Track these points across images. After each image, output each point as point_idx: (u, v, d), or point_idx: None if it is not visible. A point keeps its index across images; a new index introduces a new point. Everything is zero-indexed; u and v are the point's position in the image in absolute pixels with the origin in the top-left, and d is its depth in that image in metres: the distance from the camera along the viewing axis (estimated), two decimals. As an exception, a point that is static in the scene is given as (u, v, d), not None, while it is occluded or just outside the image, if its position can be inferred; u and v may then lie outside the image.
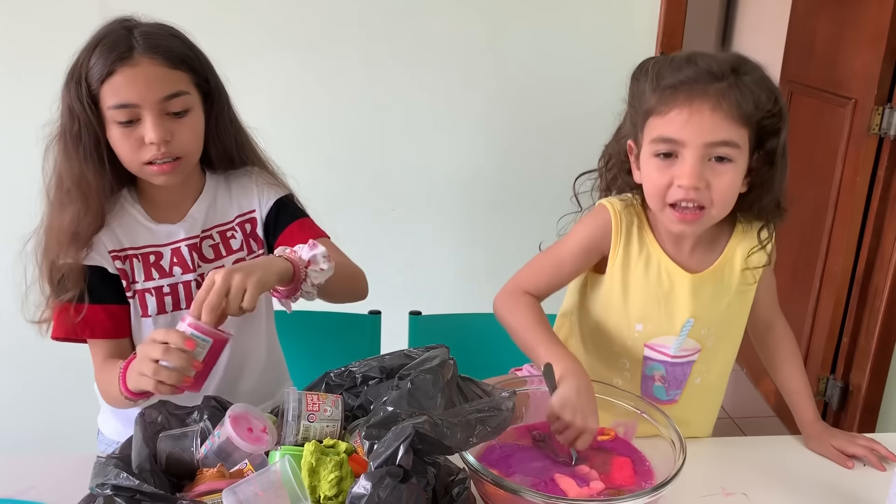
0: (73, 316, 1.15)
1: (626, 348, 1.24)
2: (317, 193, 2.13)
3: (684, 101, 1.06)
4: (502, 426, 0.93)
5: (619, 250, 1.20)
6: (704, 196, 1.07)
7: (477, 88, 2.09)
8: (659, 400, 1.26)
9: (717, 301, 1.21)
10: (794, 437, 1.28)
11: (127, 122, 1.11)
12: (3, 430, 2.30)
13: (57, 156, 1.16)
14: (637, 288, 1.20)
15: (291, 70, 2.03)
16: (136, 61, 1.10)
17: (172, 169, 1.15)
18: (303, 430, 0.98)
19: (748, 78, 1.07)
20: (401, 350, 1.11)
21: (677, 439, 1.01)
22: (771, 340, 1.33)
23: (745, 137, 1.07)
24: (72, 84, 1.12)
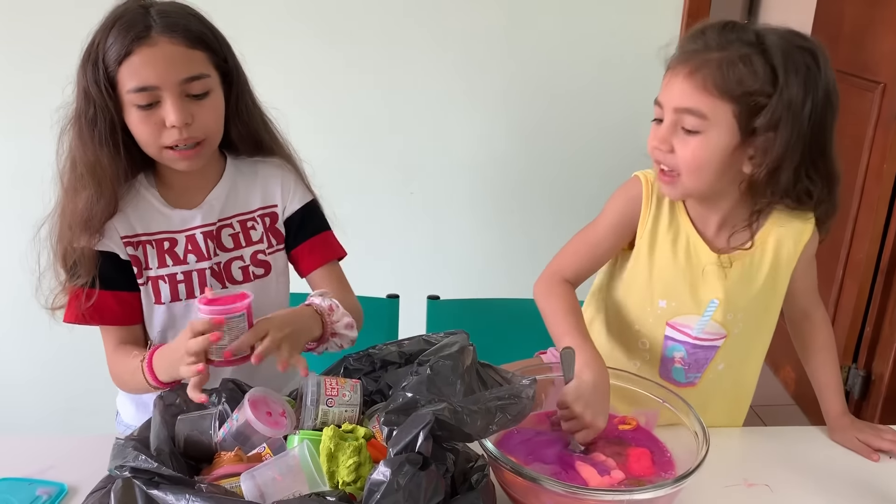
0: (83, 301, 1.14)
1: (648, 326, 1.23)
2: (336, 174, 2.13)
3: (672, 67, 1.08)
4: (522, 414, 0.92)
5: (649, 221, 1.19)
6: (671, 161, 1.09)
7: (496, 72, 2.06)
8: (677, 382, 1.25)
9: (746, 285, 1.18)
10: (819, 429, 1.27)
11: (146, 105, 1.09)
12: (23, 409, 2.32)
13: (71, 140, 1.14)
14: (663, 262, 1.19)
15: (311, 52, 2.01)
16: (154, 41, 1.07)
17: (195, 154, 1.13)
18: (321, 414, 0.97)
19: (757, 57, 1.02)
20: (419, 335, 1.10)
21: (700, 430, 0.99)
22: (806, 329, 1.30)
23: (720, 110, 1.04)
24: (88, 66, 1.09)
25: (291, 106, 1.97)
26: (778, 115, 1.02)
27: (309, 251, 1.28)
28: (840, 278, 2.59)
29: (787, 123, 1.03)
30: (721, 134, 1.05)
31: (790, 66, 1.02)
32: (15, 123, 2.01)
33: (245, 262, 1.25)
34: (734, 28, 1.06)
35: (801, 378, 2.91)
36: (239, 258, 1.24)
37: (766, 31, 1.05)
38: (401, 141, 2.12)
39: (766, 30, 1.06)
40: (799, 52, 1.03)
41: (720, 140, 1.06)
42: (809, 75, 1.03)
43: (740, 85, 1.02)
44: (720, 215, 1.17)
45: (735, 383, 1.29)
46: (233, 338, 1.00)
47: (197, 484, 0.86)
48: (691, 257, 1.18)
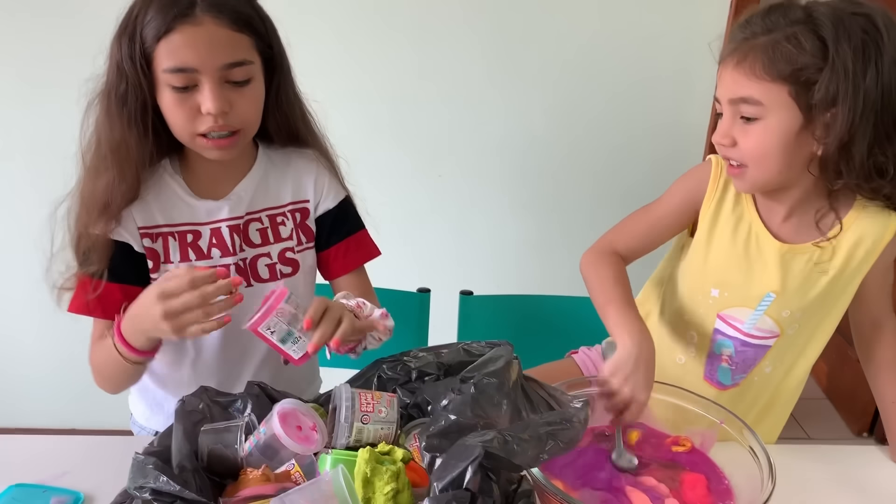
0: (91, 292, 1.07)
1: (698, 316, 1.17)
2: (362, 155, 2.05)
3: (722, 60, 1.04)
4: (575, 440, 0.85)
5: (713, 203, 1.15)
6: (736, 154, 1.05)
7: (535, 52, 1.95)
8: (721, 385, 1.19)
9: (808, 282, 1.11)
10: (879, 448, 1.19)
11: (183, 87, 1.00)
12: (37, 400, 2.29)
13: (98, 116, 1.06)
14: (720, 247, 1.14)
15: (340, 29, 1.91)
16: (198, 20, 0.99)
17: (229, 144, 1.05)
18: (356, 432, 0.90)
19: (807, 32, 0.96)
20: (458, 344, 1.03)
21: (765, 460, 0.91)
22: (875, 342, 1.21)
23: (774, 93, 0.99)
24: (123, 39, 1.00)
25: (320, 85, 1.92)
26: (835, 87, 0.96)
27: (344, 252, 1.22)
28: None
29: (847, 94, 0.96)
30: (781, 117, 1.00)
31: (841, 34, 0.95)
32: (36, 92, 1.93)
33: (272, 260, 1.17)
34: (780, 9, 1.00)
35: (833, 372, 2.82)
36: (266, 255, 1.17)
37: (816, 5, 0.99)
38: (430, 120, 2.03)
39: (817, 3, 0.99)
40: (851, 17, 0.96)
41: (781, 123, 1.00)
42: (868, 39, 0.96)
43: (789, 63, 0.97)
44: (789, 204, 1.10)
45: (778, 390, 1.23)
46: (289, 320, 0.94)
47: (223, 508, 0.79)
48: (750, 245, 1.12)
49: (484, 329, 1.53)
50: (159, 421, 1.23)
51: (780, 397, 1.24)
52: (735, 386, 1.19)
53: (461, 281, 1.66)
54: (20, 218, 2.00)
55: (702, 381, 1.19)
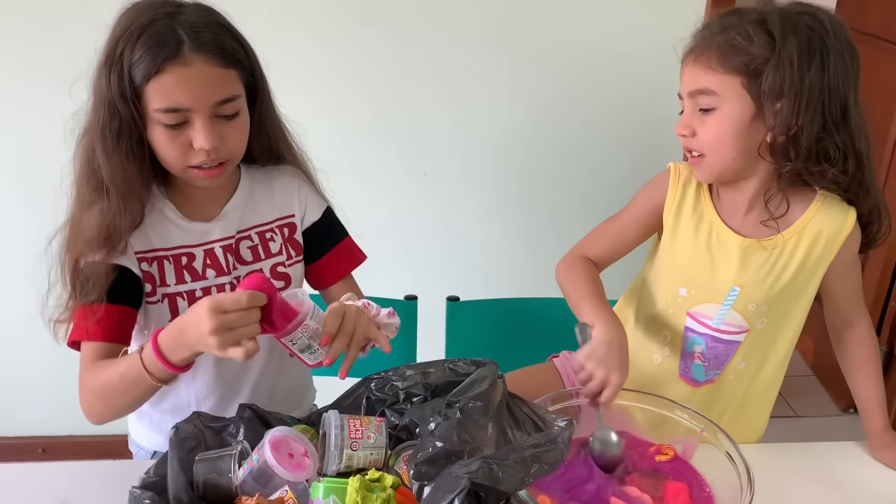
0: (90, 317, 1.07)
1: (670, 316, 1.22)
2: (344, 158, 2.06)
3: (683, 58, 1.12)
4: (559, 461, 0.87)
5: (674, 206, 1.20)
6: (695, 144, 1.12)
7: (511, 48, 1.96)
8: (696, 381, 1.23)
9: (771, 275, 1.15)
10: (857, 444, 1.23)
11: (174, 125, 1.02)
12: (34, 409, 2.30)
13: (87, 150, 1.07)
14: (685, 246, 1.19)
15: (318, 32, 1.91)
16: (187, 60, 1.00)
17: (219, 173, 1.08)
18: (346, 459, 0.93)
19: (756, 27, 1.04)
20: (444, 362, 1.05)
21: (744, 468, 0.95)
22: (849, 340, 1.25)
23: (728, 83, 1.06)
24: (112, 77, 1.01)
25: (301, 87, 1.92)
26: (781, 77, 1.03)
27: (335, 261, 1.25)
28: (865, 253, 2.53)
29: (793, 84, 1.03)
30: (734, 106, 1.07)
31: (787, 29, 1.04)
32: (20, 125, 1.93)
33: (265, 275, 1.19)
34: (736, 12, 1.09)
35: (819, 349, 2.87)
36: (258, 271, 1.19)
37: (769, 6, 1.07)
38: (412, 120, 2.03)
39: (770, 5, 1.07)
40: (798, 16, 1.05)
41: (734, 112, 1.07)
42: (813, 35, 1.04)
43: (740, 55, 1.05)
44: (748, 196, 1.15)
45: (753, 387, 1.26)
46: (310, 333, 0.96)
47: (219, 543, 0.82)
48: (712, 242, 1.17)
49: (472, 335, 1.56)
50: (158, 441, 1.26)
51: (756, 394, 1.27)
52: (710, 382, 1.22)
53: (449, 282, 1.68)
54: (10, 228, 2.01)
55: (678, 380, 1.23)
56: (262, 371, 1.24)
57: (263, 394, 1.24)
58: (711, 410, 1.18)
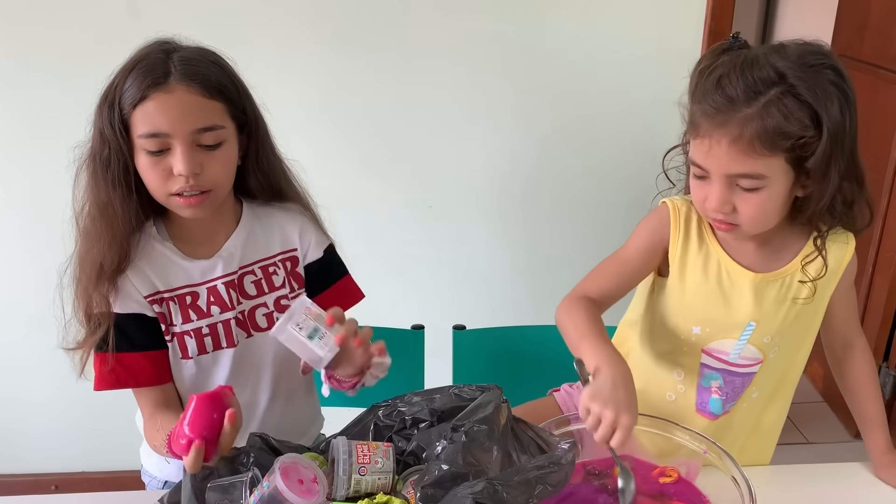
0: (113, 366, 1.12)
1: (683, 354, 1.21)
2: (353, 191, 2.10)
3: (706, 132, 1.04)
4: (563, 482, 0.89)
5: (678, 246, 1.18)
6: (734, 217, 1.08)
7: (514, 80, 2.00)
8: (713, 415, 1.22)
9: (783, 307, 1.16)
10: (862, 465, 1.23)
11: (156, 151, 1.07)
12: (47, 448, 2.31)
13: (87, 180, 1.12)
14: (695, 286, 1.17)
15: (324, 67, 1.96)
16: (170, 88, 1.05)
17: (199, 202, 1.10)
18: (354, 483, 0.95)
19: (788, 99, 0.99)
20: (449, 388, 1.07)
21: (747, 490, 0.96)
22: (848, 362, 1.27)
23: (775, 164, 1.02)
24: (104, 107, 1.08)
25: (306, 122, 1.97)
26: (828, 149, 1.01)
27: (332, 299, 1.25)
28: (870, 276, 2.53)
29: (837, 149, 1.02)
30: (780, 182, 1.05)
31: (822, 96, 0.99)
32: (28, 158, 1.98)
33: (269, 309, 1.22)
34: (749, 68, 1.02)
35: (829, 375, 2.85)
36: (263, 305, 1.22)
37: (781, 61, 1.01)
38: (417, 153, 2.08)
39: (779, 57, 1.01)
40: (820, 72, 1.00)
41: (781, 188, 1.05)
42: (841, 94, 1.01)
43: (784, 137, 1.00)
44: (760, 238, 1.15)
45: (765, 413, 1.27)
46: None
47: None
48: (723, 280, 1.16)
49: (478, 363, 1.57)
50: (170, 471, 1.28)
51: (767, 420, 1.28)
52: (726, 414, 1.22)
53: (455, 312, 1.70)
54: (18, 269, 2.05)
55: (694, 414, 1.23)
56: (270, 400, 1.26)
57: (273, 423, 1.26)
58: (724, 438, 1.17)
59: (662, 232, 1.19)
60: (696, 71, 1.09)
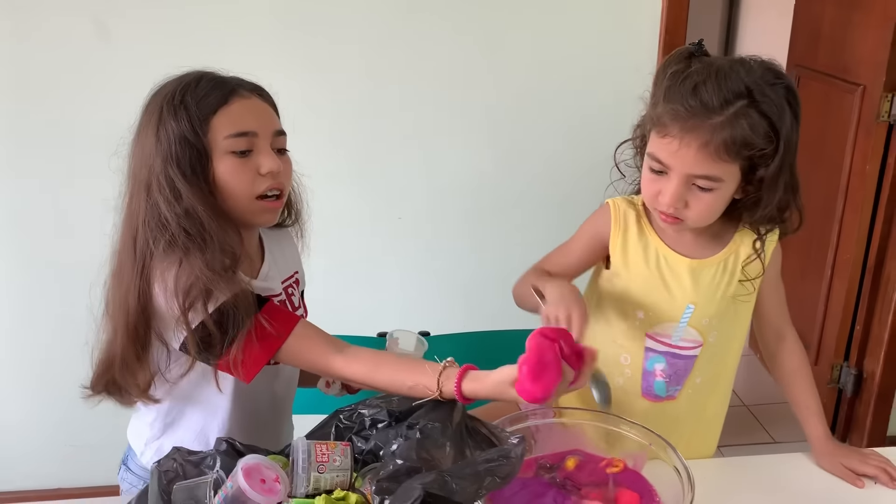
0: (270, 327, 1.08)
1: (628, 340, 1.28)
2: (322, 204, 2.14)
3: (677, 132, 1.11)
4: (512, 474, 0.94)
5: (619, 239, 1.27)
6: (682, 213, 1.16)
7: (478, 95, 2.07)
8: (658, 397, 1.29)
9: (718, 289, 1.24)
10: (804, 454, 1.29)
11: (242, 151, 1.09)
12: (25, 465, 2.32)
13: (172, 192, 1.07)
14: (637, 274, 1.26)
15: (292, 83, 2.01)
16: (246, 95, 1.12)
17: (278, 206, 1.15)
18: (313, 481, 0.99)
19: (754, 112, 1.08)
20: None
21: (685, 472, 1.01)
22: (781, 353, 1.34)
23: (732, 170, 1.13)
24: (178, 119, 1.07)
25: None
26: (781, 160, 1.12)
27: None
28: (829, 278, 2.62)
29: (787, 161, 1.13)
30: (730, 186, 1.15)
31: (779, 112, 1.10)
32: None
33: None
34: (725, 78, 1.10)
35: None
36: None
37: (746, 74, 1.10)
38: (386, 167, 2.13)
39: (745, 71, 1.11)
40: (778, 90, 1.11)
41: (729, 191, 1.16)
42: (793, 112, 1.12)
43: (748, 147, 1.10)
44: (695, 230, 1.24)
45: (708, 402, 1.34)
46: None
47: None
48: (661, 267, 1.25)
49: (443, 367, 1.62)
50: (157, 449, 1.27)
51: (710, 409, 1.35)
52: (671, 399, 1.29)
53: (423, 320, 1.75)
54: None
55: (640, 399, 1.30)
56: (257, 414, 1.28)
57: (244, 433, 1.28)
58: (671, 428, 1.22)
59: (603, 229, 1.28)
60: (668, 73, 1.15)
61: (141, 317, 1.09)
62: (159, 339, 1.12)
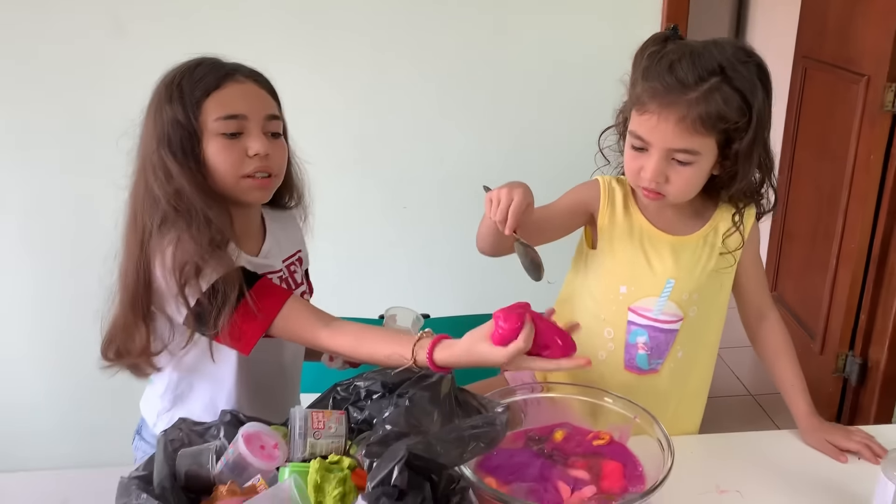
0: (258, 304, 1.12)
1: (612, 314, 1.33)
2: (330, 194, 2.19)
3: (656, 108, 1.16)
4: (496, 441, 0.99)
5: (606, 217, 1.31)
6: (663, 188, 1.21)
7: (483, 86, 2.12)
8: (641, 370, 1.34)
9: (698, 265, 1.29)
10: (789, 431, 1.33)
11: (231, 134, 1.15)
12: (39, 448, 2.39)
13: (163, 172, 1.14)
14: (621, 249, 1.31)
15: (301, 76, 2.07)
16: (241, 80, 1.17)
17: (267, 185, 1.20)
18: (309, 446, 1.04)
19: (727, 87, 1.13)
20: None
21: (665, 441, 1.05)
22: (763, 333, 1.38)
23: (709, 143, 1.18)
24: (169, 101, 1.14)
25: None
26: (753, 134, 1.16)
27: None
28: (834, 268, 2.63)
29: (759, 135, 1.18)
30: (708, 160, 1.20)
31: (751, 88, 1.15)
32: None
33: None
34: (700, 56, 1.15)
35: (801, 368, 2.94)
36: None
37: (719, 53, 1.15)
38: (392, 157, 2.19)
39: (717, 51, 1.16)
40: (749, 67, 1.16)
41: (707, 165, 1.21)
42: (764, 88, 1.17)
43: (722, 120, 1.15)
44: (677, 207, 1.29)
45: (691, 377, 1.38)
46: None
47: (195, 519, 0.93)
48: (645, 244, 1.30)
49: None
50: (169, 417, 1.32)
51: (693, 384, 1.39)
52: (654, 372, 1.33)
53: (427, 306, 1.79)
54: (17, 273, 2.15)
55: (623, 372, 1.34)
56: (267, 388, 1.34)
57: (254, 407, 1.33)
58: (655, 402, 1.25)
59: (590, 199, 1.33)
60: (645, 54, 1.22)
61: (144, 291, 1.16)
62: (161, 312, 1.18)
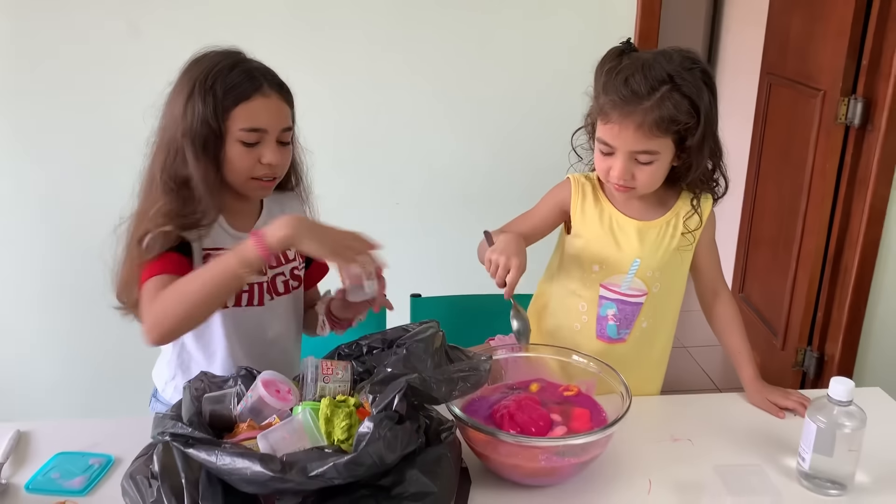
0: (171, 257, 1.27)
1: (585, 290, 1.50)
2: (326, 191, 2.36)
3: (617, 118, 1.34)
4: (480, 383, 1.16)
5: (578, 207, 1.49)
6: (631, 182, 1.39)
7: (470, 92, 2.30)
8: (611, 339, 1.51)
9: (661, 247, 1.46)
10: (738, 394, 1.50)
11: (250, 143, 1.30)
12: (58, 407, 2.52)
13: (170, 153, 1.29)
14: (593, 234, 1.48)
15: (298, 78, 2.22)
16: (267, 92, 1.30)
17: (271, 186, 1.37)
18: (319, 389, 1.20)
19: (676, 94, 1.30)
20: (400, 325, 1.34)
21: (625, 390, 1.23)
22: (717, 307, 1.56)
23: (666, 143, 1.35)
24: (202, 98, 1.26)
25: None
26: (701, 133, 1.34)
27: (317, 270, 1.57)
28: (794, 269, 2.82)
29: (708, 131, 1.35)
30: (667, 156, 1.38)
31: (698, 92, 1.33)
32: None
33: (286, 277, 1.48)
34: (650, 69, 1.33)
35: (765, 364, 3.13)
36: (281, 273, 1.47)
37: (668, 64, 1.32)
38: (385, 156, 2.36)
39: (666, 62, 1.33)
40: (695, 73, 1.33)
41: (667, 160, 1.38)
42: (710, 90, 1.35)
43: (675, 123, 1.32)
44: (642, 196, 1.46)
45: (655, 345, 1.56)
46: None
47: (223, 444, 1.09)
48: (614, 228, 1.47)
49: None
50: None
51: (655, 351, 1.57)
52: (622, 341, 1.50)
53: (414, 285, 1.96)
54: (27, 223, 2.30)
55: (595, 340, 1.51)
56: (270, 350, 1.49)
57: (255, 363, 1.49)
58: (622, 367, 1.38)
59: (564, 195, 1.51)
60: (604, 70, 1.40)
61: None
62: None
